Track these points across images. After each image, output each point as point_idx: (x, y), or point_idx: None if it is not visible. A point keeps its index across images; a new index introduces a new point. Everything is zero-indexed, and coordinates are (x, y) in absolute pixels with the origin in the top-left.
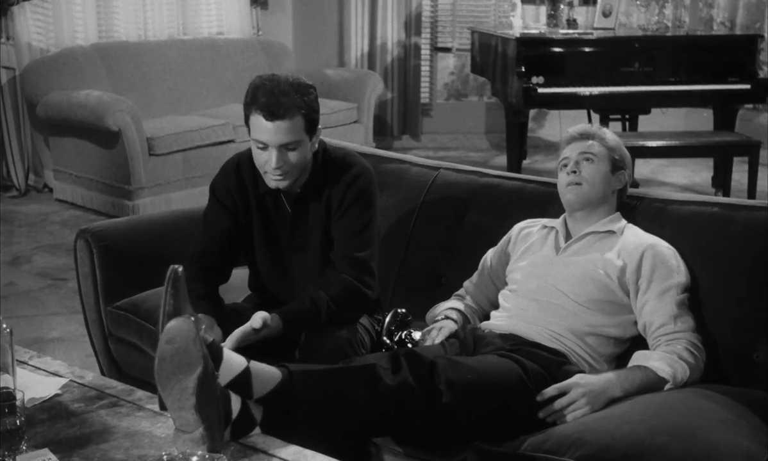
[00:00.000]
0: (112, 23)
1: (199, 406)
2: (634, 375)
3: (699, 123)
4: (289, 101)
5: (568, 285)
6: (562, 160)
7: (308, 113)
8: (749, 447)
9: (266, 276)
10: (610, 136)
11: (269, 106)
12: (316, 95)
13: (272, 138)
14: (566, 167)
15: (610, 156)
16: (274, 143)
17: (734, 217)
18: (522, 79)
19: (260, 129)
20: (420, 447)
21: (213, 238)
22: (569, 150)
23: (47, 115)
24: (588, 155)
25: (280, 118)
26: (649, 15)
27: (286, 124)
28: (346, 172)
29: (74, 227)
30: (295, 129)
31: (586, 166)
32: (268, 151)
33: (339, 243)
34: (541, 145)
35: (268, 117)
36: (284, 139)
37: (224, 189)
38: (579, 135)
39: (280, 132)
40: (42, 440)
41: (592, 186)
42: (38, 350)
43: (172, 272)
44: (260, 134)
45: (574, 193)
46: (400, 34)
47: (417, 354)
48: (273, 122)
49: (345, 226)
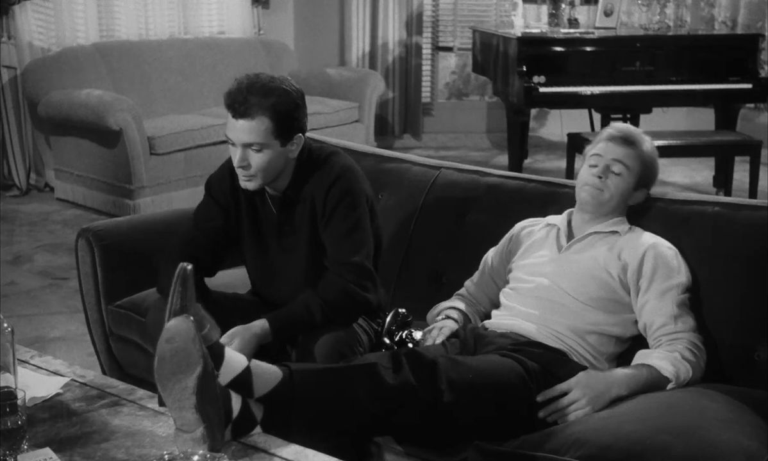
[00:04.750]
0: (114, 22)
1: (200, 405)
2: (637, 375)
3: (700, 122)
4: (256, 101)
5: (570, 284)
6: (594, 154)
7: (277, 117)
8: (750, 446)
9: (255, 278)
10: (648, 147)
11: (234, 104)
12: (295, 98)
13: (235, 135)
14: (595, 167)
15: (639, 171)
16: (237, 141)
17: (735, 216)
18: (523, 78)
19: (228, 125)
20: (421, 446)
21: (203, 232)
22: (605, 148)
23: (48, 115)
24: (620, 166)
25: (242, 116)
26: (651, 14)
27: (249, 123)
28: (326, 174)
29: (75, 226)
30: (260, 131)
31: (613, 177)
32: (236, 147)
33: (331, 249)
34: (543, 144)
35: (233, 114)
36: (246, 138)
37: (218, 187)
38: (621, 138)
39: (243, 131)
40: (43, 439)
41: (611, 198)
42: (39, 349)
43: (181, 270)
44: (228, 130)
45: (591, 195)
46: (401, 34)
47: (418, 353)
48: (237, 120)
49: (333, 230)
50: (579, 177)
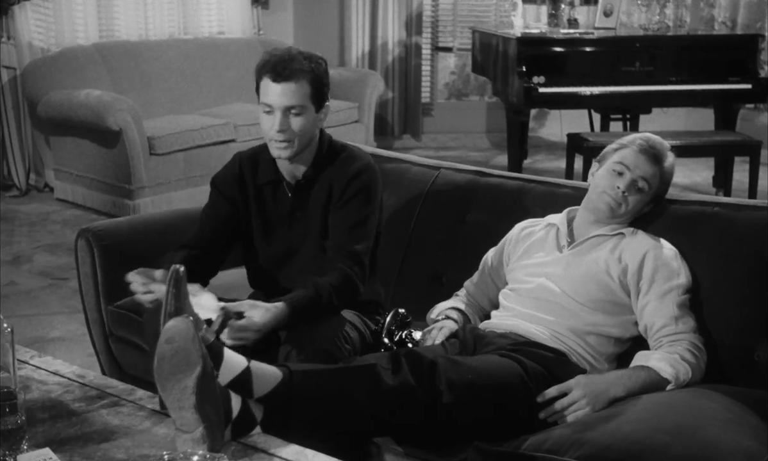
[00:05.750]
0: (113, 23)
1: (199, 406)
2: (637, 375)
3: (700, 122)
4: (298, 66)
5: (570, 285)
6: (621, 162)
7: (315, 80)
8: (750, 446)
9: (266, 267)
10: (671, 164)
11: (276, 67)
12: (326, 68)
13: (277, 99)
14: (619, 177)
15: (658, 188)
16: (279, 105)
17: (735, 216)
18: (523, 78)
19: (267, 91)
20: (420, 446)
21: (209, 228)
22: (635, 162)
23: (48, 115)
24: (644, 183)
25: (285, 79)
26: (650, 14)
27: (292, 86)
28: (351, 164)
29: (75, 226)
30: (301, 94)
31: (635, 194)
32: (273, 114)
33: (335, 233)
34: (542, 144)
35: (275, 79)
36: (289, 101)
37: (225, 180)
38: (654, 155)
39: (285, 94)
40: (43, 439)
41: (627, 213)
42: (39, 349)
43: (174, 272)
44: (267, 96)
45: (610, 206)
46: (401, 34)
47: (417, 354)
48: (279, 84)
49: (344, 217)
50: (598, 180)
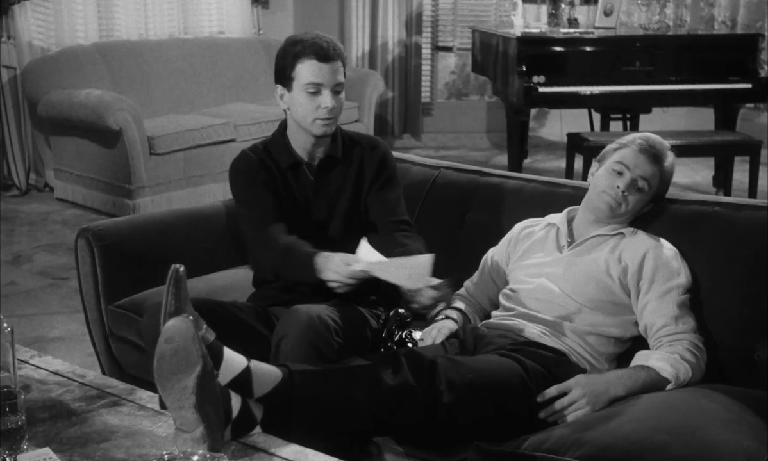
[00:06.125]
0: (113, 22)
1: (199, 405)
2: (636, 375)
3: (700, 122)
4: (337, 47)
5: (570, 285)
6: (621, 162)
7: (344, 62)
8: (750, 446)
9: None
10: (671, 162)
11: (323, 49)
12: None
13: (328, 78)
14: (619, 176)
15: (658, 188)
16: (330, 83)
17: (735, 216)
18: (523, 78)
19: (314, 72)
20: (420, 446)
21: (270, 208)
22: (635, 161)
23: (48, 115)
24: (644, 183)
25: (333, 59)
26: (650, 14)
27: (338, 64)
28: (377, 146)
29: (75, 226)
30: (342, 71)
31: (635, 194)
32: (320, 95)
33: (387, 210)
34: (542, 144)
35: (322, 59)
36: (337, 78)
37: (250, 168)
38: (653, 154)
39: (334, 72)
40: (43, 439)
41: (626, 212)
42: (39, 349)
43: (174, 271)
44: (315, 76)
45: (609, 206)
46: (401, 33)
47: (417, 353)
48: (328, 63)
49: (390, 192)
50: (597, 180)
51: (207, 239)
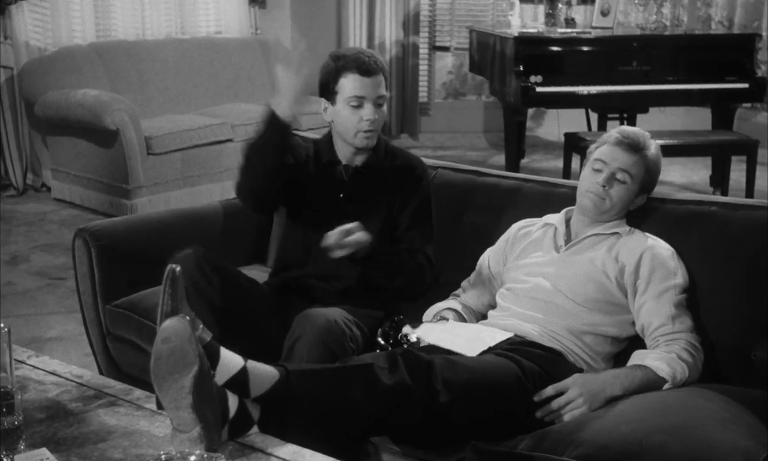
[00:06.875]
0: (110, 22)
1: (196, 405)
2: (633, 374)
3: (697, 122)
4: (379, 60)
5: (567, 285)
6: (599, 159)
7: (385, 74)
8: (747, 445)
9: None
10: (654, 153)
11: (366, 64)
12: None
13: (370, 91)
14: (599, 173)
15: (643, 178)
16: (372, 96)
17: (732, 216)
18: (520, 78)
19: (357, 86)
20: (418, 446)
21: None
22: (610, 155)
23: (45, 115)
24: (624, 175)
25: (375, 73)
26: (648, 14)
27: (380, 78)
28: (419, 165)
29: (72, 226)
30: (384, 85)
31: (617, 186)
32: (363, 108)
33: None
34: (540, 144)
35: (365, 74)
36: (379, 91)
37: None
38: (628, 144)
39: (376, 86)
40: (40, 439)
41: (613, 207)
42: (36, 349)
43: (170, 272)
44: (358, 90)
45: (594, 203)
46: (398, 33)
47: (414, 353)
48: (370, 77)
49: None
50: (581, 181)
51: (204, 239)
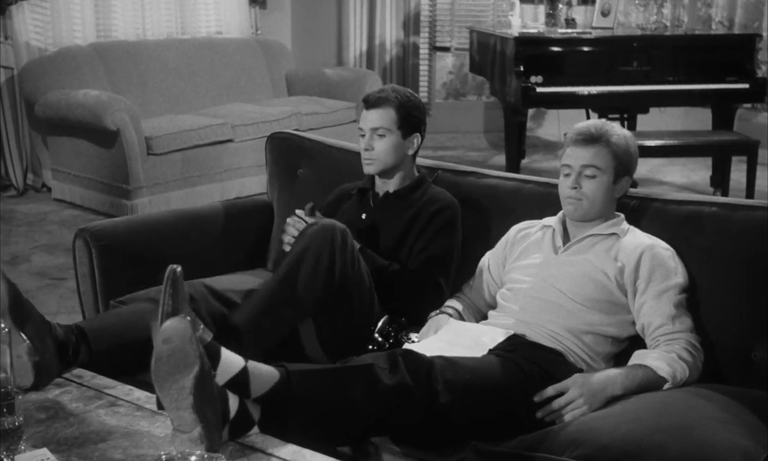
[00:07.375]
0: (111, 23)
1: (197, 406)
2: (634, 374)
3: (697, 122)
4: (386, 95)
5: (566, 285)
6: (564, 164)
7: (401, 108)
8: (747, 445)
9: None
10: (617, 136)
11: (369, 98)
12: (417, 103)
13: (365, 123)
14: (568, 177)
15: (613, 165)
16: (366, 127)
17: (733, 216)
18: (520, 78)
19: (361, 118)
20: (418, 446)
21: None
22: (572, 156)
23: (45, 115)
24: (590, 170)
25: (373, 106)
26: (648, 14)
27: (379, 111)
28: (438, 199)
29: (73, 227)
30: (385, 118)
31: (588, 182)
32: (365, 137)
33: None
34: (540, 144)
35: (366, 106)
36: (374, 124)
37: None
38: (584, 139)
39: (372, 118)
40: (40, 440)
41: (592, 203)
42: None
43: (171, 272)
44: (360, 121)
45: (574, 207)
46: (398, 34)
47: (414, 353)
48: (369, 110)
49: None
50: (559, 188)
51: (204, 240)
